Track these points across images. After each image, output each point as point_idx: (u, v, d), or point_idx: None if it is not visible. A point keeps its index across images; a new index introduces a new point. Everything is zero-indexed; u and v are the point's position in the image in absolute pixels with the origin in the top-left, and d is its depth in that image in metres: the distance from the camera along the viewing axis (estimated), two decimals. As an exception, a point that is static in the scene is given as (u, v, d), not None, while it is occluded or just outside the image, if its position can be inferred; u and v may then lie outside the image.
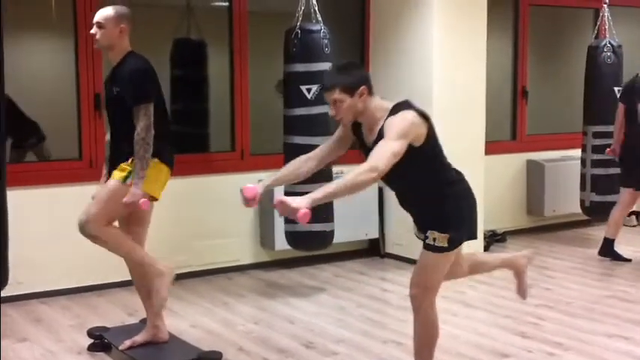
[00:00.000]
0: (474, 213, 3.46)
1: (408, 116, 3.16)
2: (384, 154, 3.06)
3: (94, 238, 3.94)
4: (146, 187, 3.89)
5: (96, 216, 3.89)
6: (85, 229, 3.91)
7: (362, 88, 3.22)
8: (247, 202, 3.34)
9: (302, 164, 3.46)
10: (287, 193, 4.32)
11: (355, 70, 3.30)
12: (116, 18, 3.95)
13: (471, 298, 5.49)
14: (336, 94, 3.21)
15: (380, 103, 3.29)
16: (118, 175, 3.95)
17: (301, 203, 2.98)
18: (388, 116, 3.20)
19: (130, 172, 3.91)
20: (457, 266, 3.61)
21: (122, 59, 3.99)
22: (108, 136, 4.24)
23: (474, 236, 3.44)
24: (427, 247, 3.36)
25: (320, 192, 3.05)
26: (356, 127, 3.38)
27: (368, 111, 3.26)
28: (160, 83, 4.08)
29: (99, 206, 3.91)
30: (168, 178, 4.05)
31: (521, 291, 4.08)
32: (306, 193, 3.07)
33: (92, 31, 3.99)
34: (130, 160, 3.92)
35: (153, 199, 3.99)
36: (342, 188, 3.04)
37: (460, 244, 3.39)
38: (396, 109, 3.22)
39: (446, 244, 3.31)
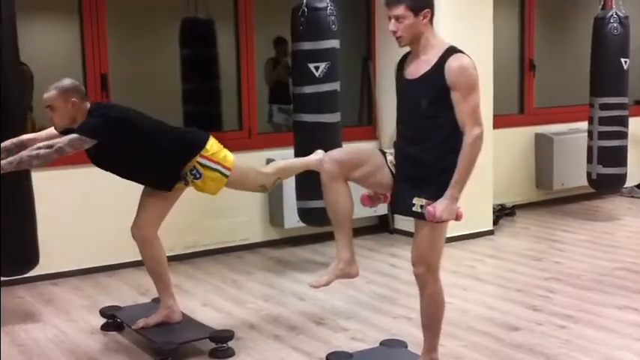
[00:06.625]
0: None
1: (472, 68, 3.18)
2: (473, 112, 3.08)
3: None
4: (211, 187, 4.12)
5: None
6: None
7: (426, 10, 3.19)
8: None
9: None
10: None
11: None
12: (63, 95, 3.83)
13: (482, 273, 5.50)
14: (401, 10, 3.16)
15: (436, 35, 3.25)
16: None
17: (452, 204, 3.13)
18: (446, 56, 3.16)
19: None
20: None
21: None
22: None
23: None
24: (414, 214, 3.32)
25: (456, 185, 3.10)
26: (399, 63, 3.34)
27: (424, 38, 3.21)
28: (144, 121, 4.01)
29: None
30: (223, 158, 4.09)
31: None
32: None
33: (49, 115, 3.89)
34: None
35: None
36: (469, 168, 3.10)
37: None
38: (452, 50, 3.19)
39: None
